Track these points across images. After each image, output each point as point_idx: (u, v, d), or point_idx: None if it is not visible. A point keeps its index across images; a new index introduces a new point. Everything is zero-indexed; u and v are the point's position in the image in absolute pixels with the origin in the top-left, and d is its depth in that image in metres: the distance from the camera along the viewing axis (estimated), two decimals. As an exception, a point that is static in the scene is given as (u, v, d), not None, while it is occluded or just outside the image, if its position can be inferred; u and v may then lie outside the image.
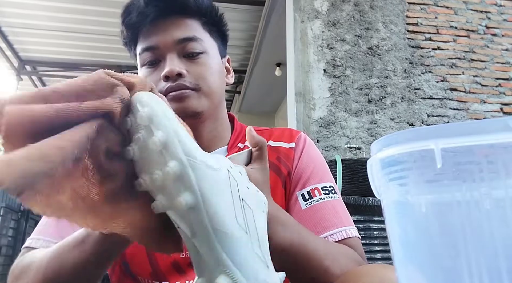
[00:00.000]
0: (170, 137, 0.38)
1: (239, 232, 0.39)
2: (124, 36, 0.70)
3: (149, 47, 0.66)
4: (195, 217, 0.37)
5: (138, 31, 0.67)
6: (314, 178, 0.66)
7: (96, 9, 3.88)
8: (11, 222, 5.33)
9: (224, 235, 0.38)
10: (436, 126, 0.25)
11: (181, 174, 0.37)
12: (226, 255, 0.37)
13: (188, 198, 0.37)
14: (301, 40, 2.57)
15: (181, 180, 0.37)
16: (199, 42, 0.67)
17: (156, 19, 0.65)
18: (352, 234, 0.61)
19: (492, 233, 0.23)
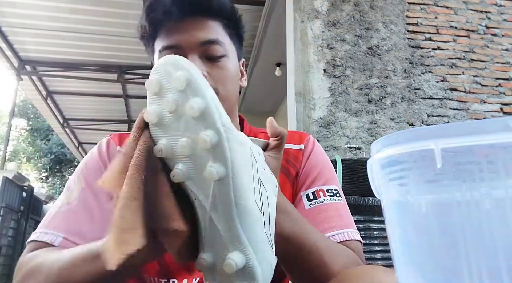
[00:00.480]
0: (209, 104, 0.37)
1: (257, 210, 0.39)
2: (143, 31, 0.69)
3: (171, 45, 0.65)
4: (221, 189, 0.36)
5: (161, 28, 0.67)
6: (320, 179, 0.67)
7: (96, 9, 3.88)
8: (11, 222, 5.33)
9: (245, 211, 0.38)
10: (436, 126, 0.25)
11: (217, 144, 0.36)
12: (243, 232, 0.37)
13: (220, 169, 0.36)
14: (301, 40, 2.57)
15: (215, 150, 0.36)
16: (221, 45, 0.67)
17: (181, 18, 0.65)
18: (354, 237, 0.61)
19: (492, 233, 0.23)
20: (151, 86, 0.39)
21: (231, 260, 0.36)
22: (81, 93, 5.87)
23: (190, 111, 0.36)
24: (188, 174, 0.37)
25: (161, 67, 0.39)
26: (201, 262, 0.38)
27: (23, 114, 14.54)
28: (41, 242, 0.57)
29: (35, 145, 14.33)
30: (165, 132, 0.38)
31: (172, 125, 0.38)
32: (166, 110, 0.38)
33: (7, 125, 6.08)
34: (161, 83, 0.38)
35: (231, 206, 0.37)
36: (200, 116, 0.36)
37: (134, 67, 5.09)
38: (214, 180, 0.36)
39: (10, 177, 5.24)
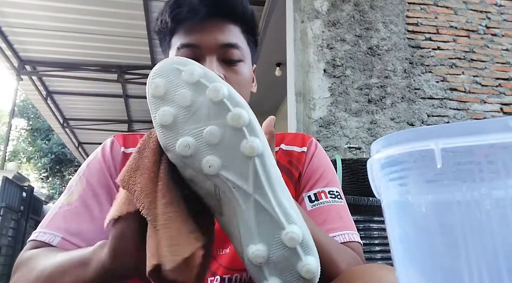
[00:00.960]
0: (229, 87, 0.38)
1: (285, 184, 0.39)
2: (163, 26, 0.68)
3: (191, 44, 0.65)
4: (262, 164, 0.36)
5: (182, 26, 0.67)
6: (322, 181, 0.67)
7: (96, 9, 3.88)
8: (11, 222, 5.33)
9: (282, 184, 0.38)
10: (436, 126, 0.25)
11: (250, 120, 0.36)
12: (289, 204, 0.37)
13: (258, 143, 0.36)
14: (301, 40, 2.57)
15: (249, 126, 0.36)
16: (239, 49, 0.67)
17: (205, 18, 0.65)
18: (355, 239, 0.62)
19: (492, 233, 0.23)
20: (158, 89, 0.38)
21: (292, 233, 0.35)
22: (81, 93, 5.87)
23: (214, 96, 0.36)
24: (223, 162, 0.36)
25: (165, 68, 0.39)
26: (257, 255, 0.35)
27: (24, 113, 14.55)
28: (40, 241, 0.57)
29: (35, 145, 14.33)
30: (184, 129, 0.38)
31: (190, 119, 0.37)
32: (179, 107, 0.38)
33: (7, 125, 6.08)
34: (168, 83, 0.38)
35: (274, 180, 0.36)
36: (225, 98, 0.36)
37: (134, 67, 5.09)
38: (256, 155, 0.36)
39: (10, 177, 5.24)
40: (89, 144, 8.48)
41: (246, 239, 0.36)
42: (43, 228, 0.59)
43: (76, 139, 8.22)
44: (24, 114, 14.55)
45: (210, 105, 0.37)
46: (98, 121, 7.05)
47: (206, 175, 0.37)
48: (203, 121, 0.37)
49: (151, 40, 4.33)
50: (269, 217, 0.36)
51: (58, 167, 14.59)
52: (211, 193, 0.38)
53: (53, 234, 0.57)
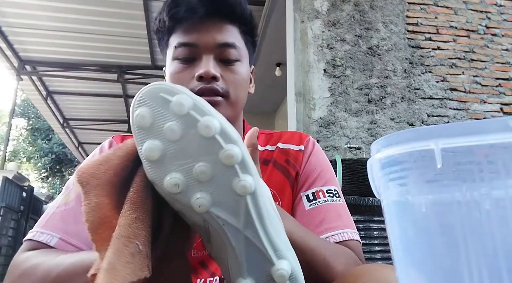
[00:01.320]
0: (222, 120, 0.36)
1: (277, 215, 0.38)
2: (161, 25, 0.69)
3: (188, 43, 0.65)
4: (254, 202, 0.35)
5: (180, 25, 0.67)
6: (320, 180, 0.67)
7: (96, 9, 3.88)
8: (11, 222, 5.33)
9: (274, 219, 0.37)
10: (436, 126, 0.25)
11: (243, 158, 0.35)
12: (278, 238, 0.36)
13: (250, 182, 0.35)
14: (301, 40, 2.57)
15: (241, 163, 0.35)
16: (237, 49, 0.67)
17: (203, 17, 0.65)
18: (353, 237, 0.62)
19: (492, 233, 0.23)
20: (144, 119, 0.35)
21: (281, 270, 0.35)
22: (81, 93, 5.87)
23: (206, 132, 0.34)
24: (213, 200, 0.35)
25: (150, 97, 0.36)
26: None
27: (24, 113, 14.54)
28: (37, 242, 0.57)
29: (35, 144, 14.33)
30: (172, 165, 0.35)
31: (179, 155, 0.35)
32: (167, 141, 0.35)
33: (7, 125, 6.08)
34: (155, 114, 0.35)
35: (264, 216, 0.36)
36: (216, 134, 0.34)
37: (134, 67, 5.09)
38: (248, 193, 0.35)
39: (10, 177, 5.24)
40: (89, 144, 8.48)
41: (235, 272, 0.36)
42: (40, 228, 0.58)
43: (76, 139, 8.22)
44: (25, 113, 14.55)
45: (201, 141, 0.35)
46: (98, 121, 7.05)
47: (195, 212, 0.35)
48: (193, 157, 0.35)
49: (151, 40, 4.33)
50: (259, 253, 0.36)
51: (58, 167, 14.59)
52: (200, 226, 0.37)
53: (51, 234, 0.57)
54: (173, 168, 0.35)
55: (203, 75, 0.63)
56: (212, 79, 0.64)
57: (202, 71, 0.63)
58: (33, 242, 0.57)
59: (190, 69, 0.66)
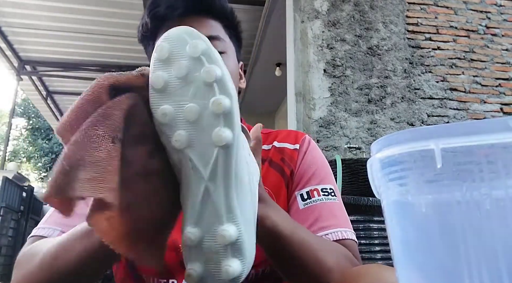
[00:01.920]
0: (224, 72, 0.38)
1: (248, 185, 0.39)
2: (145, 29, 0.69)
3: None
4: (224, 156, 0.36)
5: (163, 24, 0.67)
6: (315, 179, 0.66)
7: (96, 9, 3.88)
8: (11, 222, 5.33)
9: (241, 183, 0.38)
10: (436, 126, 0.25)
11: (230, 110, 0.36)
12: (238, 204, 0.37)
13: (228, 135, 0.36)
14: (301, 40, 2.57)
15: (226, 115, 0.36)
16: (221, 42, 0.68)
17: (184, 14, 0.66)
18: (348, 237, 0.61)
19: (492, 233, 0.23)
20: (162, 51, 0.39)
21: (225, 231, 0.35)
22: (81, 93, 5.86)
23: (207, 77, 0.37)
24: (190, 140, 0.37)
25: (174, 34, 0.39)
26: (188, 237, 0.36)
27: (24, 113, 14.55)
28: (39, 236, 0.58)
29: (36, 144, 14.33)
30: (169, 98, 0.38)
31: (178, 91, 0.38)
32: (174, 76, 0.38)
33: (7, 125, 6.08)
34: (173, 50, 0.39)
35: (231, 176, 0.37)
36: (215, 82, 0.37)
37: (134, 67, 4.99)
38: (220, 145, 0.36)
39: (10, 177, 5.24)
40: (89, 144, 8.48)
41: (187, 218, 0.37)
42: (42, 224, 0.60)
43: (76, 139, 8.21)
44: (25, 113, 14.55)
45: (200, 84, 0.37)
46: (98, 121, 7.04)
47: (173, 147, 0.38)
48: (189, 96, 0.38)
49: (151, 40, 4.33)
50: (213, 208, 0.36)
51: (58, 167, 14.54)
52: (176, 166, 0.39)
53: (52, 228, 0.59)
54: (169, 101, 0.38)
55: None
56: None
57: None
58: (35, 237, 0.59)
59: None
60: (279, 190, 0.66)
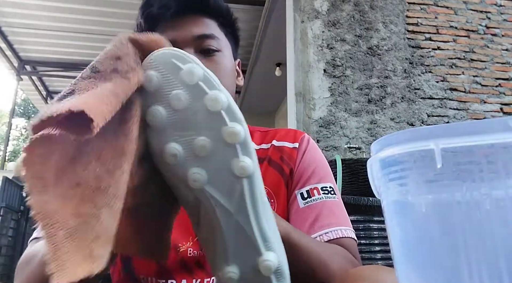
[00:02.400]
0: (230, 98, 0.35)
1: (271, 209, 0.38)
2: (140, 30, 0.68)
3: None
4: (249, 186, 0.34)
5: (157, 24, 0.66)
6: (314, 178, 0.67)
7: (96, 9, 3.88)
8: (11, 222, 5.33)
9: (267, 208, 0.36)
10: (436, 126, 0.25)
11: (245, 138, 0.34)
12: (269, 229, 0.35)
13: (249, 164, 0.33)
14: (301, 40, 2.57)
15: (243, 143, 0.34)
16: (216, 40, 0.67)
17: (177, 13, 0.65)
18: (347, 235, 0.61)
19: (492, 233, 0.23)
20: (151, 83, 0.34)
21: (267, 261, 0.34)
22: (81, 93, 5.87)
23: (212, 105, 0.33)
24: (209, 177, 0.34)
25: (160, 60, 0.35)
26: (229, 276, 0.34)
27: (24, 113, 14.53)
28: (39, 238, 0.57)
29: (35, 145, 14.29)
30: (173, 135, 0.34)
31: (181, 125, 0.34)
32: (173, 109, 0.34)
33: (7, 125, 6.08)
34: (163, 79, 0.34)
35: (258, 203, 0.35)
36: (223, 110, 0.33)
37: (134, 67, 5.08)
38: (245, 176, 0.34)
39: (10, 177, 5.24)
40: (89, 144, 8.48)
41: (220, 258, 0.35)
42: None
43: (76, 139, 8.21)
44: (25, 113, 14.54)
45: (206, 114, 0.34)
46: (98, 121, 7.04)
47: (189, 187, 0.34)
48: (196, 129, 0.34)
49: (151, 40, 4.32)
50: (248, 241, 0.34)
51: (58, 167, 14.53)
52: (191, 204, 0.36)
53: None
54: (174, 138, 0.34)
55: None
56: None
57: None
58: (36, 240, 0.58)
59: None
60: (278, 189, 0.66)
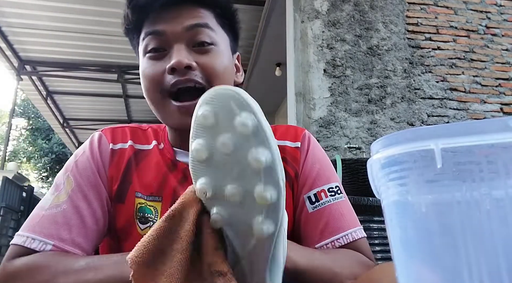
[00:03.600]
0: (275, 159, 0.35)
1: (282, 260, 0.38)
2: (128, 22, 0.64)
3: (154, 31, 0.60)
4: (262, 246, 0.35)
5: (145, 16, 0.61)
6: (320, 179, 0.66)
7: (96, 9, 3.88)
8: (11, 222, 5.33)
9: (276, 264, 0.37)
10: (436, 126, 0.25)
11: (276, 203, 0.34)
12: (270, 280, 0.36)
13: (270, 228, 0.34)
14: (301, 40, 2.57)
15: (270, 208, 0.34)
16: (210, 30, 0.62)
17: (167, 3, 0.60)
18: (358, 236, 0.61)
19: (492, 233, 0.23)
20: (206, 119, 0.34)
21: None
22: (81, 93, 5.87)
23: (254, 163, 0.33)
24: (230, 220, 0.35)
25: (220, 98, 0.34)
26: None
27: (24, 113, 14.54)
28: (29, 248, 0.53)
29: (36, 144, 14.33)
30: (211, 172, 0.35)
31: (221, 166, 0.35)
32: (219, 148, 0.34)
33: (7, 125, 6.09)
34: (219, 118, 0.34)
35: (267, 261, 0.36)
36: (263, 169, 0.33)
37: (134, 67, 5.09)
38: (259, 239, 0.34)
39: (10, 177, 5.24)
40: (89, 144, 8.47)
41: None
42: (31, 233, 0.54)
43: (76, 139, 8.21)
44: (25, 113, 14.55)
45: (246, 167, 0.34)
46: (98, 121, 7.04)
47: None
48: (233, 175, 0.35)
49: (151, 40, 4.32)
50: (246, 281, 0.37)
51: (58, 167, 14.57)
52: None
53: (44, 241, 0.53)
54: (210, 175, 0.35)
55: (175, 66, 0.57)
56: (187, 69, 0.58)
57: (173, 62, 0.57)
58: (23, 249, 0.53)
59: (160, 62, 0.60)
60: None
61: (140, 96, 5.95)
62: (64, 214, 0.56)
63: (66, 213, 0.56)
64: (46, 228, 0.54)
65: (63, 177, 0.61)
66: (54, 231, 0.54)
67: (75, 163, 0.62)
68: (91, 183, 0.60)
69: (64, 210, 0.56)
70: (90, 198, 0.59)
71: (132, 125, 0.70)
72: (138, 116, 6.79)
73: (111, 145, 0.65)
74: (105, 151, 0.64)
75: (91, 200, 0.59)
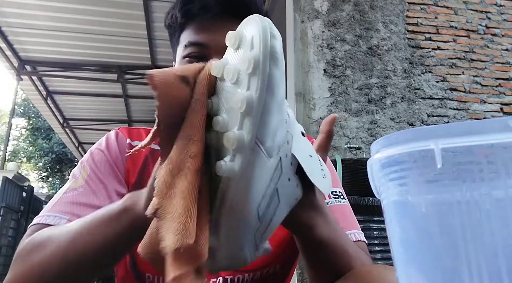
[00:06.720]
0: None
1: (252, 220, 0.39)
2: (173, 21, 0.66)
3: (199, 43, 0.63)
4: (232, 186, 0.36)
5: (193, 21, 0.64)
6: None
7: (96, 9, 3.88)
8: (11, 222, 5.33)
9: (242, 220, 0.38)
10: (436, 126, 0.25)
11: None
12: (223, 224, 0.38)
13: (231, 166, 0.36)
14: (301, 40, 2.57)
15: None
16: None
17: (217, 16, 0.62)
18: (360, 238, 0.62)
19: (492, 233, 0.23)
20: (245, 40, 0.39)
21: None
22: (81, 93, 5.87)
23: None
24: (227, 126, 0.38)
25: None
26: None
27: (24, 113, 14.54)
28: (44, 224, 0.54)
29: (36, 144, 14.33)
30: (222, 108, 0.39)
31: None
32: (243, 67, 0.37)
33: (7, 125, 6.09)
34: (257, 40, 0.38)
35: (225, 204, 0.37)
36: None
37: (134, 67, 5.09)
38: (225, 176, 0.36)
39: (10, 177, 5.24)
40: (89, 144, 8.48)
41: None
42: (47, 212, 0.56)
43: (76, 139, 8.22)
44: (25, 113, 14.55)
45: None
46: (98, 121, 7.05)
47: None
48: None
49: (151, 40, 4.33)
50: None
51: (58, 167, 14.59)
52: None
53: (59, 216, 0.55)
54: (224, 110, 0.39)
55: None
56: None
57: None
58: (38, 225, 0.54)
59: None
60: None
61: (140, 96, 5.97)
62: (80, 195, 0.58)
63: (82, 195, 0.58)
64: (62, 206, 0.57)
65: (79, 168, 0.63)
66: (70, 209, 0.56)
67: (91, 154, 0.65)
68: (107, 170, 0.63)
69: (81, 193, 0.58)
70: (105, 183, 0.61)
71: (146, 128, 0.73)
72: (138, 116, 6.79)
73: (129, 140, 0.68)
74: (123, 144, 0.67)
75: (107, 185, 0.61)
